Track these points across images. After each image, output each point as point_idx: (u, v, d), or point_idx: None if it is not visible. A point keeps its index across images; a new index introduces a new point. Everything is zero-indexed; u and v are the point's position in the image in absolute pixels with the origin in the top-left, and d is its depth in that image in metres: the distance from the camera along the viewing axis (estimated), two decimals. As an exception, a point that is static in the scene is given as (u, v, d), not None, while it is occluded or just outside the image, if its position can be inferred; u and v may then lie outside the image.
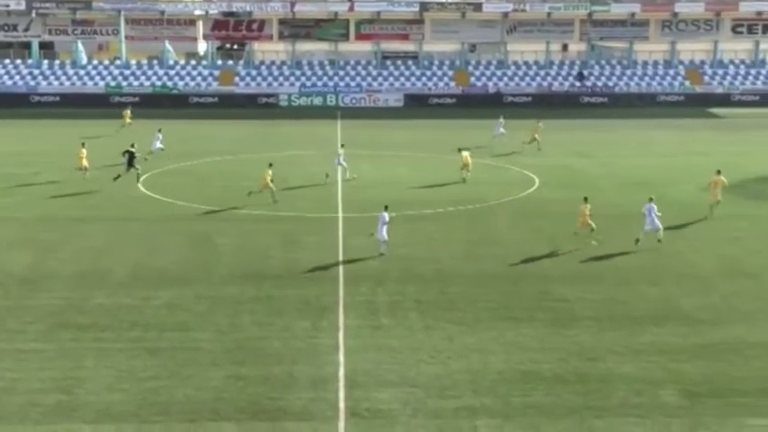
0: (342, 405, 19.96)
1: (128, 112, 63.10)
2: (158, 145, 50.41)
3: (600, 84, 79.88)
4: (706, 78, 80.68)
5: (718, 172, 37.74)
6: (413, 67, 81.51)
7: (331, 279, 28.73)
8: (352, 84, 79.24)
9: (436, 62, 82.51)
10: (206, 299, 26.85)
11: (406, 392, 20.56)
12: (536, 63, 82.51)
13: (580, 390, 20.72)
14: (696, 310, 26.01)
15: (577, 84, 79.63)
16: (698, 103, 76.06)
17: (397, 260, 30.80)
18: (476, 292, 27.52)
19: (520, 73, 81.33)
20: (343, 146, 46.87)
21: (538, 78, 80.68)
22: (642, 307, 26.25)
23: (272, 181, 38.83)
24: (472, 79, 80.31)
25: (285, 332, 24.22)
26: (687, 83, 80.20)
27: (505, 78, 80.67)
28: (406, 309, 26.04)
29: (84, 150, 44.75)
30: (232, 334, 24.11)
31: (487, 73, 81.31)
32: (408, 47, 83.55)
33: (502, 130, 54.37)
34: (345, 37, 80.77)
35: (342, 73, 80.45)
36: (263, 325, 24.77)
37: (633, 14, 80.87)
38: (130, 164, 43.11)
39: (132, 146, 44.11)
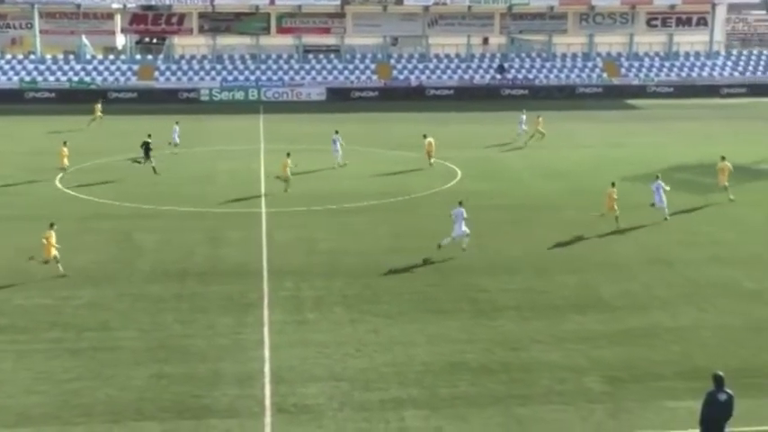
0: (268, 401, 19.82)
1: (98, 106, 61.71)
2: (176, 138, 50.45)
3: (520, 76, 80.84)
4: (623, 70, 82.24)
5: (723, 158, 39.05)
6: (335, 61, 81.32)
7: (255, 275, 28.50)
8: (274, 78, 78.75)
9: (358, 56, 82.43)
10: (128, 297, 26.40)
11: (333, 386, 20.51)
12: (457, 56, 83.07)
13: (505, 379, 20.93)
14: (616, 297, 26.49)
15: (498, 76, 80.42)
16: (615, 95, 77.64)
17: (323, 254, 30.71)
18: (401, 285, 27.58)
19: (441, 66, 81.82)
20: (337, 132, 47.18)
21: (459, 71, 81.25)
22: (563, 295, 26.63)
23: (290, 171, 39.11)
24: (394, 72, 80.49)
25: (209, 329, 23.94)
26: (605, 75, 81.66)
27: (427, 72, 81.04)
28: (331, 303, 25.98)
29: (66, 149, 44.09)
30: (155, 332, 23.74)
31: (409, 66, 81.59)
32: (330, 40, 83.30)
33: (524, 126, 54.14)
34: (266, 31, 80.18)
35: (263, 67, 79.88)
36: (186, 323, 24.45)
37: (552, 8, 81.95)
38: (147, 155, 43.97)
39: (149, 136, 44.60)
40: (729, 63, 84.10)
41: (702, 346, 22.70)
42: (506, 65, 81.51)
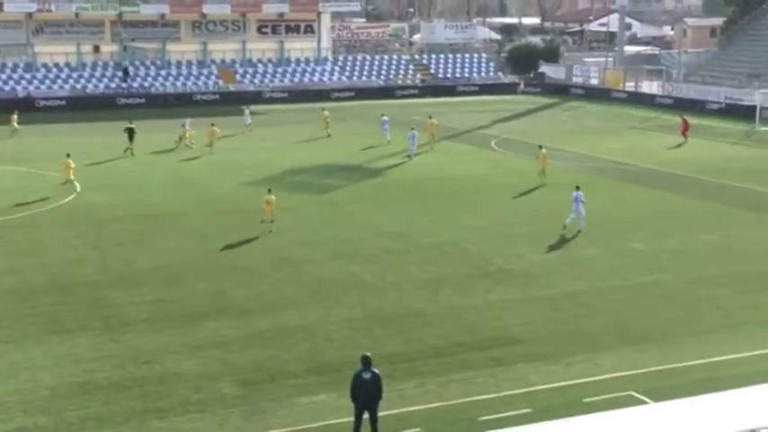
0: None
1: (14, 116, 58.02)
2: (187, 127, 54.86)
3: (136, 84, 79.30)
4: (238, 77, 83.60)
5: (540, 147, 44.10)
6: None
7: None
8: None
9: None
10: None
11: (-50, 425, 18.80)
12: (68, 65, 79.64)
13: (139, 394, 20.43)
14: (247, 300, 26.87)
15: (124, 85, 78.35)
16: (232, 101, 77.84)
17: (-72, 283, 28.05)
18: (21, 307, 25.96)
19: (51, 76, 78.11)
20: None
21: (71, 81, 78.03)
22: (195, 303, 26.54)
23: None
24: (-1, 83, 75.48)
25: None
26: (221, 82, 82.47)
27: (36, 81, 76.97)
28: (-58, 334, 23.80)
29: (71, 161, 42.03)
30: None
31: (15, 76, 76.98)
32: None
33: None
34: None
35: None
36: None
37: (163, 15, 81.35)
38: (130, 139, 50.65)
39: (130, 121, 51.13)
40: (337, 68, 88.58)
41: (329, 341, 23.69)
42: (131, 69, 79.58)
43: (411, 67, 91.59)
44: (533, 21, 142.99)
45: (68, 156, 42.71)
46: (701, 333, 24.30)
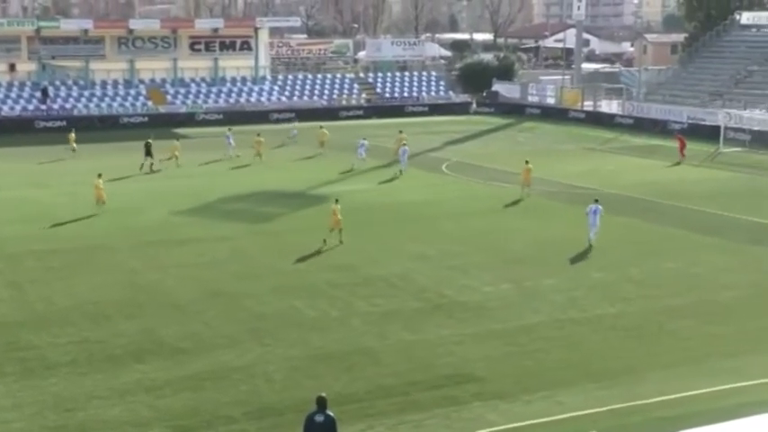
0: None
1: None
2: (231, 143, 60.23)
3: (56, 106, 78.52)
4: (169, 98, 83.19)
5: (527, 162, 47.60)
6: None
7: None
8: None
9: None
10: None
11: None
12: (-19, 85, 78.75)
13: (61, 444, 20.13)
14: (180, 339, 26.63)
15: (43, 106, 77.54)
16: (163, 123, 77.15)
17: None
18: (-71, 352, 25.45)
19: (-38, 97, 77.10)
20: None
21: (-15, 102, 77.11)
22: (122, 344, 26.23)
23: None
24: None
25: None
26: (150, 103, 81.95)
27: (-55, 103, 75.92)
28: None
29: (101, 181, 43.20)
30: None
31: (-77, 98, 75.80)
32: None
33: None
34: None
35: None
36: None
37: (86, 31, 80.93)
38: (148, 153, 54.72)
39: (149, 137, 55.06)
40: (276, 88, 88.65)
41: (269, 382, 23.58)
42: (51, 89, 78.80)
43: (356, 86, 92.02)
44: (486, 37, 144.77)
45: None
46: (666, 367, 24.62)
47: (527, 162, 47.87)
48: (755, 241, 38.50)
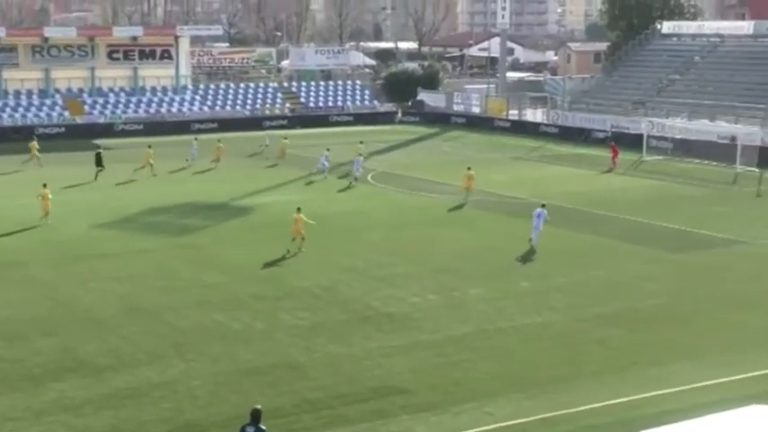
0: None
1: None
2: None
3: (-32, 117, 76.86)
4: (87, 108, 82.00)
5: (469, 168, 48.85)
6: None
7: None
8: None
9: None
10: None
11: None
12: None
13: (-25, 468, 19.67)
14: (98, 356, 26.22)
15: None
16: (81, 135, 75.75)
17: None
18: None
19: None
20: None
21: None
22: (40, 362, 25.73)
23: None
24: None
25: None
26: (66, 113, 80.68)
27: None
28: None
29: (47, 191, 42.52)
30: None
31: None
32: None
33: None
34: None
35: None
36: None
37: (-1, 39, 79.32)
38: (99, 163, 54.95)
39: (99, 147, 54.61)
40: (198, 98, 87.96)
41: (193, 398, 23.34)
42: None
43: (279, 95, 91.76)
44: (410, 45, 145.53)
45: None
46: (592, 375, 24.98)
47: (469, 168, 49.31)
48: (676, 249, 39.30)
